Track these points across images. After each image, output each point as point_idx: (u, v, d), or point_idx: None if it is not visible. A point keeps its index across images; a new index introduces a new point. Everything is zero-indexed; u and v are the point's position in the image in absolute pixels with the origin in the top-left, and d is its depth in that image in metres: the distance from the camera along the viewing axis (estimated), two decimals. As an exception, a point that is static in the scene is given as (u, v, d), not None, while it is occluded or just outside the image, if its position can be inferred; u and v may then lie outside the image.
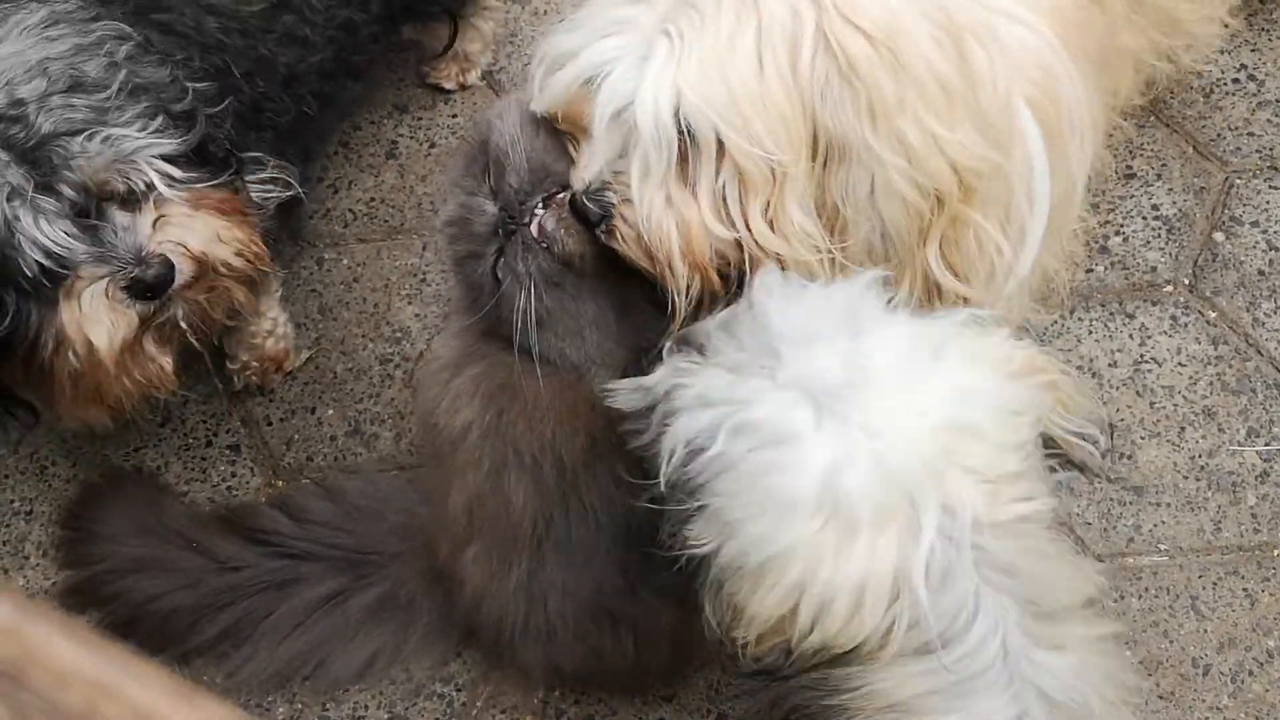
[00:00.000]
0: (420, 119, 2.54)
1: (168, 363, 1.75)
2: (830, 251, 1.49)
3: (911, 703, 1.31)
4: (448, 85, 2.55)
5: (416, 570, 1.89)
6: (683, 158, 1.47)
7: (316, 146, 2.22)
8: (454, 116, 2.54)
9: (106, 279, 1.61)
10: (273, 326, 2.19)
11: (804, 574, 1.25)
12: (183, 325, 1.73)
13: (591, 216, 1.52)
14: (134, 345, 1.69)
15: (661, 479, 1.34)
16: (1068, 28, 1.73)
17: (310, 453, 2.21)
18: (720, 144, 1.45)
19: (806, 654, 1.31)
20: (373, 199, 2.45)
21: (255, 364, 2.21)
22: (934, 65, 1.45)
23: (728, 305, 1.44)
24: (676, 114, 1.44)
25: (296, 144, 2.01)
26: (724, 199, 1.48)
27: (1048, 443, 1.38)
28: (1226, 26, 2.22)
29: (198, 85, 1.70)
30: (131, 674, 0.57)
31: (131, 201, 1.63)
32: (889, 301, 1.39)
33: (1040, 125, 1.66)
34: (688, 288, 1.52)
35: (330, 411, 2.25)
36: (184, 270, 1.67)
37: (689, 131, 1.45)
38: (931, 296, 1.57)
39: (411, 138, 2.52)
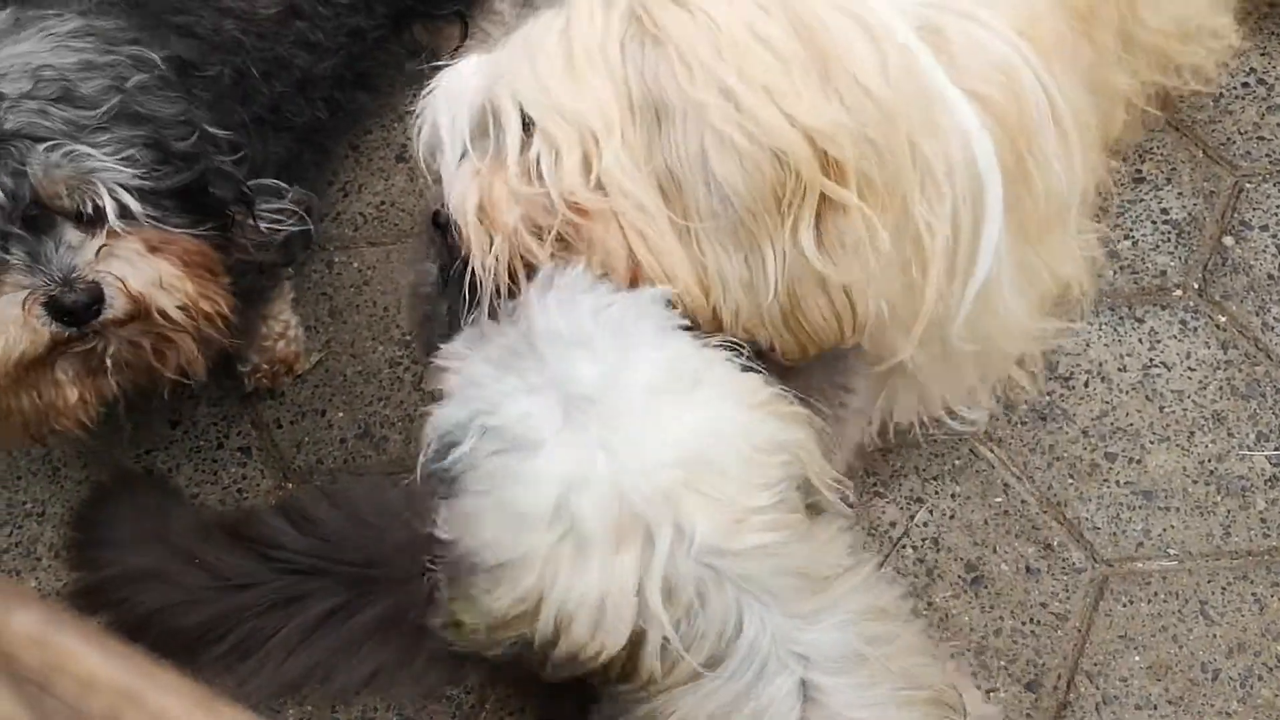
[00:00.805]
0: (430, 122, 2.55)
1: (73, 394, 1.69)
2: (672, 219, 1.45)
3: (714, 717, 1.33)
4: (457, 89, 2.56)
5: (424, 596, 1.88)
6: (495, 140, 1.49)
7: (333, 148, 2.22)
8: (464, 120, 2.55)
9: (28, 291, 1.58)
10: (284, 329, 2.20)
11: (540, 583, 1.26)
12: (108, 363, 1.68)
13: (440, 221, 1.53)
14: (40, 366, 1.65)
15: (418, 467, 1.34)
16: (1050, 42, 1.70)
17: (320, 455, 2.22)
18: (527, 119, 1.46)
19: (561, 660, 1.31)
20: (383, 203, 2.46)
21: (266, 367, 2.22)
22: (759, 30, 1.43)
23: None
24: (484, 102, 1.47)
25: (313, 144, 2.02)
26: (538, 166, 1.47)
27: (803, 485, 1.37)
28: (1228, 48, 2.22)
29: (219, 132, 1.68)
30: (155, 682, 0.57)
31: (88, 224, 1.60)
32: (671, 321, 1.37)
33: (996, 120, 1.62)
34: (486, 256, 1.50)
35: (340, 414, 2.26)
36: (115, 306, 1.62)
37: (494, 112, 1.47)
38: (818, 294, 1.51)
39: (421, 141, 2.52)
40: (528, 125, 1.47)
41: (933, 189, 1.54)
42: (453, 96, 1.50)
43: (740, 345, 1.41)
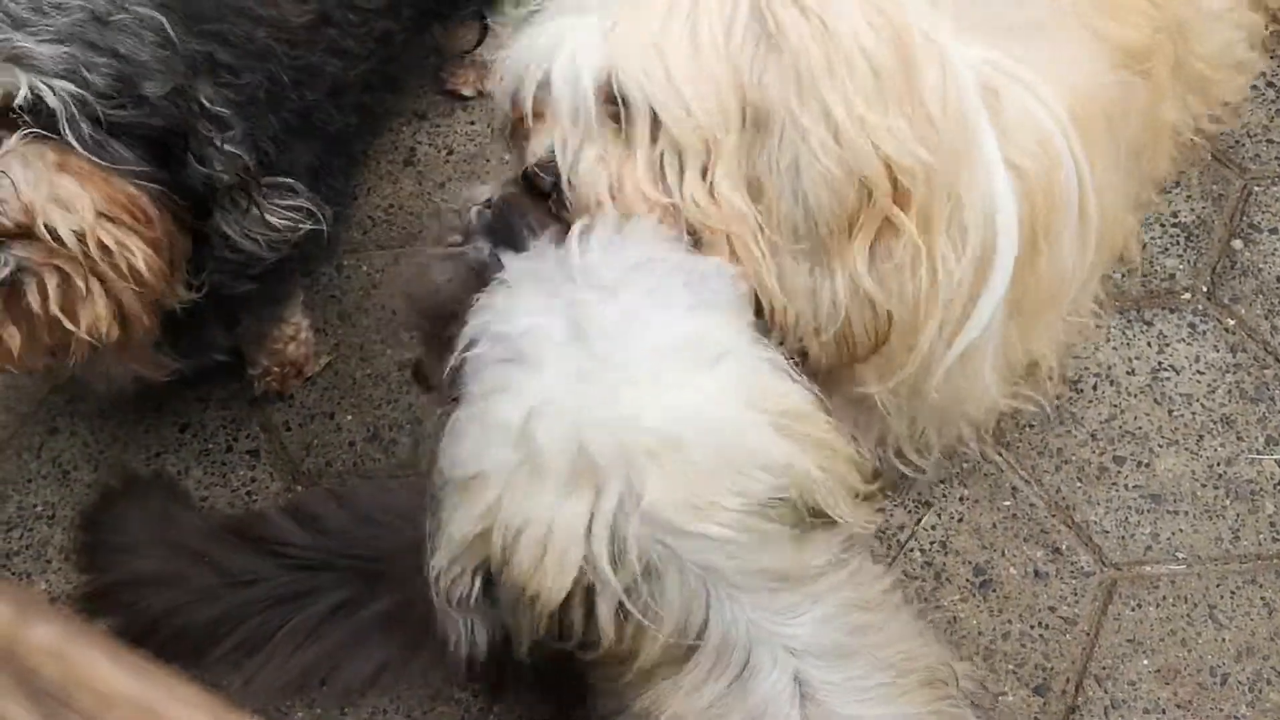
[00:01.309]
0: (439, 126, 2.55)
1: None
2: (761, 228, 1.48)
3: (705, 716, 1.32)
4: (466, 92, 2.56)
5: (429, 594, 1.89)
6: (619, 123, 1.48)
7: (359, 154, 2.20)
8: (472, 123, 2.55)
9: None
10: (294, 332, 2.20)
11: (496, 502, 1.26)
12: None
13: (544, 187, 1.53)
14: None
15: (446, 367, 1.34)
16: (1097, 116, 1.71)
17: (329, 458, 2.22)
18: (655, 114, 1.46)
19: (525, 612, 1.30)
20: (391, 206, 2.46)
21: (276, 369, 2.23)
22: (865, 44, 1.45)
23: None
24: (609, 82, 1.46)
25: (342, 151, 2.01)
26: (662, 167, 1.48)
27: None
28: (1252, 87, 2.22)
29: (214, 106, 1.63)
30: (173, 695, 0.58)
31: (11, 126, 1.51)
32: (720, 298, 1.36)
33: (1024, 198, 1.63)
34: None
35: (349, 417, 2.26)
36: (2, 209, 1.50)
37: (624, 100, 1.47)
38: (865, 309, 1.54)
39: (430, 145, 2.53)
40: (656, 121, 1.47)
41: (957, 230, 1.57)
42: (573, 69, 1.47)
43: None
